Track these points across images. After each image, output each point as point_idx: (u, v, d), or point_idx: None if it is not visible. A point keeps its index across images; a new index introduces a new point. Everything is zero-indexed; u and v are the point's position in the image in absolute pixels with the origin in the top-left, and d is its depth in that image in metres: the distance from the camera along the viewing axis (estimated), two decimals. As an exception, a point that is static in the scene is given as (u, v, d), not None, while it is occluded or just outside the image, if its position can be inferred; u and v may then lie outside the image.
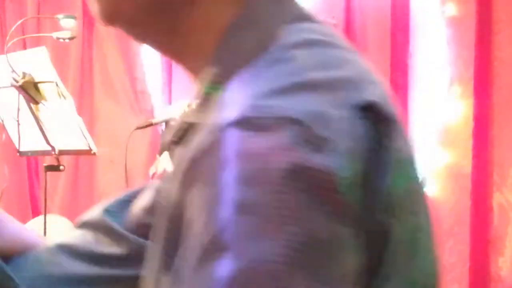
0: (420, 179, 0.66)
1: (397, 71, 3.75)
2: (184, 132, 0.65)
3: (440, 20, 3.73)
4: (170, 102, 3.99)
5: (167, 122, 2.37)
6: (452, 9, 3.73)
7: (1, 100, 2.59)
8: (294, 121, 0.55)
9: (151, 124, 2.38)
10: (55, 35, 2.53)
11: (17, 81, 2.43)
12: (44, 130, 2.60)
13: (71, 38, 2.54)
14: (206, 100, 0.64)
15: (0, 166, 2.85)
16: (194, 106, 0.66)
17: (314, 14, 0.70)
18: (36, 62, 2.45)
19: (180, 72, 4.07)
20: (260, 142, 0.54)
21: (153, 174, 2.12)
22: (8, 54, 2.42)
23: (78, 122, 2.49)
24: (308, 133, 0.55)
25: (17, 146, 2.73)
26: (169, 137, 0.68)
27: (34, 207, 4.27)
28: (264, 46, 0.62)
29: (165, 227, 0.62)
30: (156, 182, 0.92)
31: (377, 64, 3.83)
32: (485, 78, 3.70)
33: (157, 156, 2.10)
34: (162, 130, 2.40)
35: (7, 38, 2.46)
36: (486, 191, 3.73)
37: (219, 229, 0.53)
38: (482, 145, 3.71)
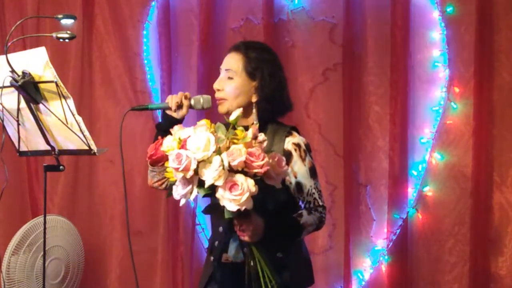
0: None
1: (397, 71, 3.75)
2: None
3: (440, 20, 3.74)
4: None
5: (163, 110, 2.36)
6: (452, 9, 3.74)
7: (1, 100, 2.58)
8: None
9: (146, 108, 2.35)
10: (55, 35, 2.52)
11: (17, 81, 2.43)
12: (44, 130, 2.60)
13: (71, 38, 2.53)
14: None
15: (0, 166, 2.84)
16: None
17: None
18: (36, 62, 2.44)
19: (179, 72, 4.07)
20: None
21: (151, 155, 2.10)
22: (8, 54, 2.41)
23: (78, 122, 2.48)
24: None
25: (17, 146, 2.72)
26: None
27: (34, 207, 4.27)
28: None
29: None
30: None
31: (377, 64, 3.84)
32: (485, 78, 3.70)
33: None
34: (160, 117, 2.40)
35: (7, 38, 2.45)
36: (486, 191, 3.73)
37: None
38: (482, 145, 3.72)
